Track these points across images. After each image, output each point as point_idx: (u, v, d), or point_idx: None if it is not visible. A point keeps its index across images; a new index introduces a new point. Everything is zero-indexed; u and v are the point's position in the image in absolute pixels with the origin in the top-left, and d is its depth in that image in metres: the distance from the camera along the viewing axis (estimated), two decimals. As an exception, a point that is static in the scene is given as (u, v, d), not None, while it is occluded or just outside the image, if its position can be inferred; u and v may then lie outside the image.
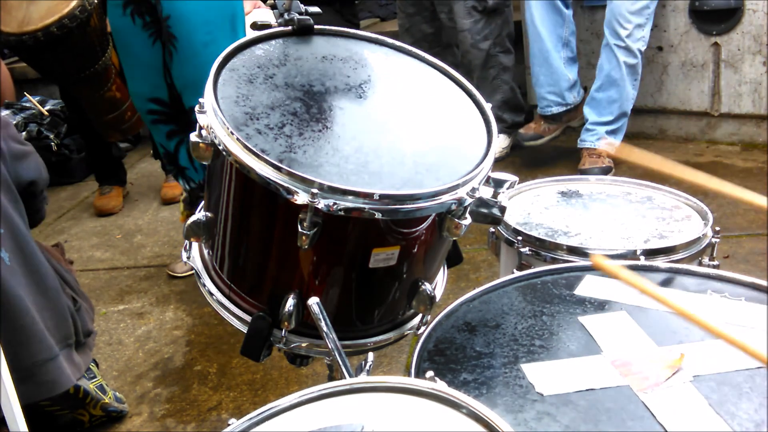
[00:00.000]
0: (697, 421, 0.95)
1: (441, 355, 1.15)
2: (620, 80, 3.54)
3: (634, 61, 3.52)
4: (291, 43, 1.37)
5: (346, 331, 1.28)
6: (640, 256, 1.52)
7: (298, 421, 0.94)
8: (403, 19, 4.19)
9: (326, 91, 1.29)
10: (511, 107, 4.03)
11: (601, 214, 1.76)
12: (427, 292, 1.27)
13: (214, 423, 2.29)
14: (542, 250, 1.61)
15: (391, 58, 1.42)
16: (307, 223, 1.10)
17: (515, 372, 1.09)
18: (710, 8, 3.62)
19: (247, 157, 1.12)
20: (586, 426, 0.96)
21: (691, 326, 1.17)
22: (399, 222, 1.16)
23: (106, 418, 2.32)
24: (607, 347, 1.13)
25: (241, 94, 1.22)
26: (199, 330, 2.83)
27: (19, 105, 4.53)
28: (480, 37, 3.84)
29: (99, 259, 3.57)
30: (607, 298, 1.27)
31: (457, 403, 0.89)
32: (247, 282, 1.30)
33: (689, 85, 3.85)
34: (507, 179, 1.30)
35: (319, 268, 1.22)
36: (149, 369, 2.63)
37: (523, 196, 1.89)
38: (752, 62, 3.64)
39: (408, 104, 1.33)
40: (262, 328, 1.25)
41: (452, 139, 1.28)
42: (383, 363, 2.42)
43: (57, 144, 4.46)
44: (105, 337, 2.84)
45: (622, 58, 3.49)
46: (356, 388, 0.97)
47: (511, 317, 1.24)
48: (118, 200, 4.11)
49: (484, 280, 2.75)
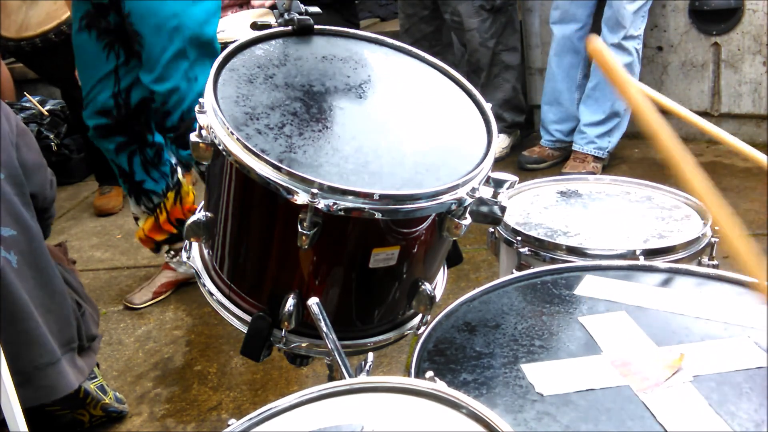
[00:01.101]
0: (697, 421, 0.95)
1: (441, 355, 1.15)
2: None
3: (630, 59, 3.52)
4: (291, 43, 1.37)
5: (346, 331, 1.28)
6: (640, 255, 1.52)
7: (298, 421, 0.94)
8: (403, 19, 4.20)
9: (326, 91, 1.29)
10: (512, 106, 4.04)
11: (600, 213, 1.76)
12: (427, 292, 1.27)
13: (214, 423, 2.30)
14: (541, 250, 1.61)
15: (391, 58, 1.42)
16: (307, 223, 1.11)
17: (515, 372, 1.09)
18: (710, 8, 3.62)
19: (247, 157, 1.12)
20: (586, 426, 0.96)
21: (691, 326, 1.17)
22: (399, 222, 1.16)
23: (106, 419, 2.32)
24: (607, 347, 1.13)
25: (241, 94, 1.22)
26: (199, 330, 2.84)
27: (19, 105, 4.52)
28: (488, 36, 3.84)
29: (99, 259, 3.57)
30: (607, 298, 1.27)
31: (457, 403, 0.89)
32: (247, 282, 1.30)
33: (689, 85, 3.85)
34: (507, 179, 1.30)
35: (319, 268, 1.22)
36: (149, 369, 2.63)
37: (523, 196, 1.89)
38: (752, 62, 3.64)
39: (408, 104, 1.33)
40: (262, 328, 1.25)
41: (452, 139, 1.28)
42: (383, 363, 2.42)
43: (57, 144, 4.46)
44: (105, 337, 2.84)
45: (618, 57, 3.50)
46: (356, 388, 0.97)
47: (511, 317, 1.24)
48: (118, 200, 4.11)
49: (484, 280, 2.75)
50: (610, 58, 0.91)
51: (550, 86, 3.78)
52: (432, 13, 4.04)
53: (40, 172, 2.13)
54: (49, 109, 4.55)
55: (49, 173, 2.18)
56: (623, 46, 3.48)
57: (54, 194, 2.23)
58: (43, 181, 2.13)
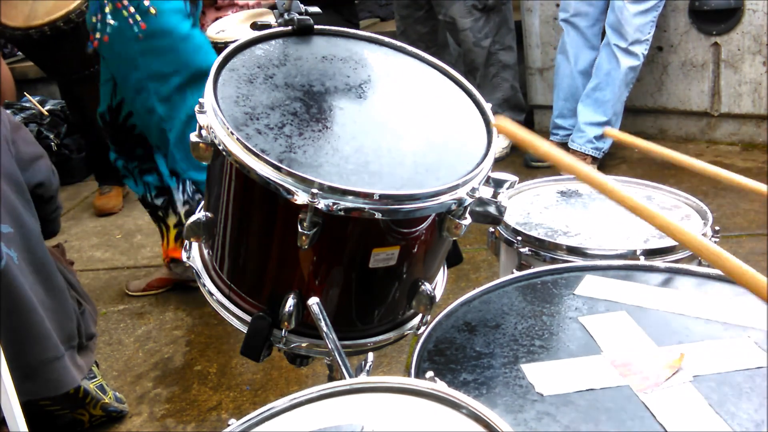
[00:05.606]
0: (697, 421, 0.95)
1: (441, 355, 1.15)
2: (618, 81, 3.55)
3: (636, 63, 3.52)
4: (291, 43, 1.37)
5: (346, 331, 1.28)
6: (640, 255, 1.52)
7: (297, 421, 0.94)
8: (398, 21, 4.21)
9: (326, 91, 1.29)
10: (512, 106, 4.04)
11: (600, 213, 1.76)
12: (427, 292, 1.27)
13: (214, 423, 2.30)
14: (542, 250, 1.61)
15: (391, 58, 1.42)
16: (307, 223, 1.10)
17: (515, 372, 1.09)
18: (710, 8, 3.62)
19: (247, 157, 1.12)
20: (586, 426, 0.96)
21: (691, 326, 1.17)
22: (399, 222, 1.16)
23: (106, 418, 2.33)
24: (607, 347, 1.13)
25: (241, 94, 1.22)
26: (199, 330, 2.83)
27: (19, 105, 4.53)
28: (481, 35, 3.85)
29: (99, 259, 3.57)
30: (607, 298, 1.27)
31: (457, 404, 0.89)
32: (247, 282, 1.30)
33: (689, 85, 3.85)
34: (507, 179, 1.30)
35: (319, 268, 1.22)
36: (149, 369, 2.63)
37: (523, 196, 1.89)
38: (752, 62, 3.64)
39: (408, 104, 1.33)
40: (262, 328, 1.25)
41: (452, 139, 1.28)
42: (383, 363, 2.42)
43: (57, 144, 4.46)
44: (105, 337, 2.84)
45: (624, 61, 3.50)
46: (356, 388, 0.97)
47: (511, 317, 1.24)
48: (117, 200, 4.11)
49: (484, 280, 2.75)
50: (514, 128, 0.99)
51: (567, 82, 3.77)
52: (426, 13, 4.04)
53: (42, 160, 2.16)
54: (49, 109, 4.56)
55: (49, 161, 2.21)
56: (631, 51, 3.47)
57: (58, 181, 2.25)
58: (47, 168, 2.16)
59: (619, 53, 3.49)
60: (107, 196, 4.10)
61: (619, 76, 3.53)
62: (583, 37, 3.67)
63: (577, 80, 3.74)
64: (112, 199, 4.09)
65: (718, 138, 3.90)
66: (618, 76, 3.53)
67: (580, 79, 3.73)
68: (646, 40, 3.50)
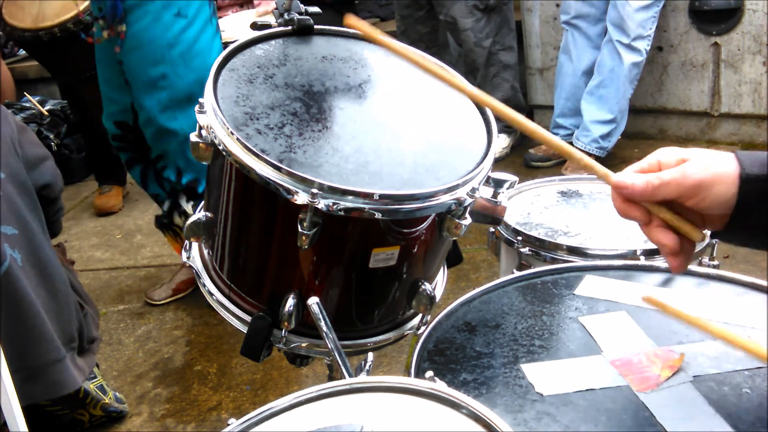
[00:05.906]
0: (697, 421, 0.95)
1: (441, 355, 1.15)
2: (622, 77, 3.55)
3: (640, 59, 3.52)
4: (291, 43, 1.37)
5: (346, 331, 1.28)
6: (640, 256, 1.52)
7: (297, 421, 0.94)
8: (399, 21, 4.20)
9: (326, 91, 1.29)
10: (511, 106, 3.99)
11: (601, 213, 1.76)
12: (427, 292, 1.27)
13: (214, 423, 2.30)
14: (542, 250, 1.61)
15: (391, 58, 1.42)
16: (306, 223, 1.10)
17: (515, 372, 1.09)
18: (710, 8, 3.62)
19: (247, 157, 1.12)
20: (586, 426, 0.96)
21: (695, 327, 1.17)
22: (399, 222, 1.16)
23: (106, 418, 2.33)
24: (607, 347, 1.13)
25: (241, 94, 1.22)
26: (199, 330, 2.84)
27: (19, 105, 4.53)
28: (482, 35, 3.85)
29: (99, 259, 3.57)
30: (607, 298, 1.27)
31: (456, 403, 0.89)
32: (247, 282, 1.30)
33: (689, 85, 3.85)
34: (507, 179, 1.30)
35: (319, 268, 1.22)
36: (149, 369, 2.63)
37: (523, 196, 1.89)
38: (752, 62, 3.64)
39: (408, 104, 1.33)
40: (262, 328, 1.25)
41: (452, 139, 1.28)
42: (383, 363, 2.42)
43: (57, 144, 4.46)
44: (105, 337, 2.84)
45: (627, 57, 3.50)
46: (356, 388, 0.97)
47: (511, 317, 1.24)
48: (117, 199, 4.11)
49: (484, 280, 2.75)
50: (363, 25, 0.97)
51: (569, 82, 3.78)
52: (427, 13, 4.04)
53: (48, 162, 2.17)
54: (49, 109, 4.56)
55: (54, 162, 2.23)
56: (633, 47, 3.48)
57: (62, 183, 2.26)
58: (53, 169, 2.17)
59: (621, 49, 3.49)
60: (107, 195, 4.10)
61: (623, 72, 3.52)
62: (586, 38, 3.67)
63: (579, 80, 3.74)
64: (112, 199, 4.09)
65: (718, 138, 3.90)
66: (621, 72, 3.53)
67: (583, 79, 3.73)
68: (648, 36, 3.50)
